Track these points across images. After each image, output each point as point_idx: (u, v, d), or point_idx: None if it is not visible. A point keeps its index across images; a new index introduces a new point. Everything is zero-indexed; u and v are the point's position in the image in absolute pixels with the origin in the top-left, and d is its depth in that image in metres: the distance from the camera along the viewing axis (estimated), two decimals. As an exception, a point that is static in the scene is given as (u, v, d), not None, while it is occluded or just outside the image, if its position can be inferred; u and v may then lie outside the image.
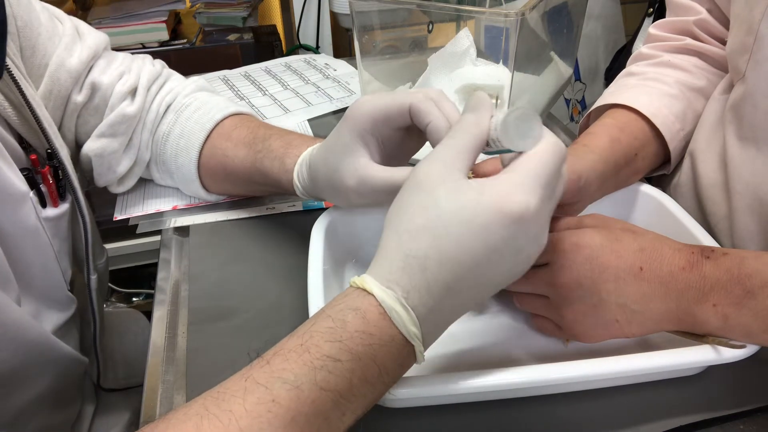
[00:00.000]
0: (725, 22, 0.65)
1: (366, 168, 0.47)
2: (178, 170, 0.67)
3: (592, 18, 1.57)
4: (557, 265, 0.44)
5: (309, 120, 0.89)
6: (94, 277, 0.64)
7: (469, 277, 0.36)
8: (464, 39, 0.78)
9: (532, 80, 0.81)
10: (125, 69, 0.66)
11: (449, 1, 0.86)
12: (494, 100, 0.82)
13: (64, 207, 0.59)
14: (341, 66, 1.07)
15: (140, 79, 0.66)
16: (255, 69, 1.07)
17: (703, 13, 0.65)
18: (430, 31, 0.84)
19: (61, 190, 0.58)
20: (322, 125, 0.87)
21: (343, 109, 0.91)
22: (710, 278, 0.42)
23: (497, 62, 0.74)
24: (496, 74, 0.74)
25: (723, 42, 0.66)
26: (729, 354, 0.42)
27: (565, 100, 1.67)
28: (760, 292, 0.41)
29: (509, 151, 0.39)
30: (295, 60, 1.11)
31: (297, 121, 0.88)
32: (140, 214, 0.69)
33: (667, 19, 0.70)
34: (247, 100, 0.94)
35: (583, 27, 0.92)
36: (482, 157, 0.44)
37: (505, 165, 0.40)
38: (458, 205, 0.36)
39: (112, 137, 0.65)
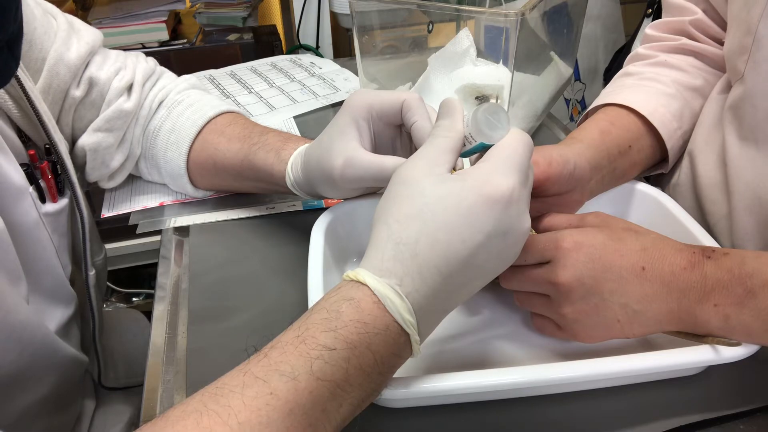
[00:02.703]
0: (721, 23, 0.65)
1: (355, 150, 0.49)
2: (167, 164, 0.68)
3: (591, 18, 1.57)
4: (559, 263, 0.44)
5: (294, 117, 0.89)
6: (92, 274, 0.64)
7: (460, 261, 0.37)
8: (464, 39, 0.78)
9: (532, 80, 0.81)
10: (121, 65, 0.66)
11: (449, 1, 0.86)
12: (494, 100, 0.82)
13: (63, 202, 0.59)
14: (327, 64, 1.08)
15: (136, 76, 0.67)
16: (241, 68, 1.07)
17: (699, 14, 0.66)
18: (430, 31, 0.84)
19: (60, 185, 0.59)
20: (307, 122, 0.88)
21: (329, 106, 0.92)
22: (711, 278, 0.42)
23: (497, 62, 0.74)
24: (496, 74, 0.74)
25: (719, 42, 0.66)
26: (729, 354, 0.42)
27: (565, 100, 1.67)
28: (760, 292, 0.41)
29: (481, 149, 0.42)
30: (281, 59, 1.11)
31: (283, 119, 0.88)
32: (128, 210, 0.70)
33: (663, 19, 0.70)
34: (232, 98, 0.94)
35: (582, 27, 0.92)
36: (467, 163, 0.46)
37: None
38: (444, 192, 0.38)
39: (108, 132, 0.65)
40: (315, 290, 0.47)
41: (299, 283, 0.56)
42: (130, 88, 0.66)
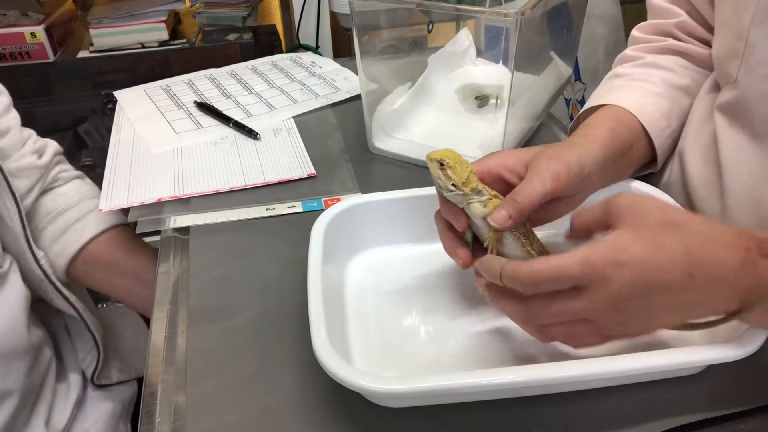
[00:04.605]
0: (705, 24, 0.66)
1: None
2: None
3: (592, 18, 1.57)
4: (598, 292, 0.39)
5: (294, 117, 0.89)
6: (41, 255, 0.65)
7: None
8: (464, 39, 0.78)
9: (532, 80, 0.81)
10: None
11: (449, 1, 0.86)
12: (494, 100, 0.82)
13: None
14: (327, 63, 1.08)
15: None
16: (241, 67, 1.07)
17: (683, 16, 0.66)
18: (430, 31, 0.84)
19: None
20: (307, 122, 0.88)
21: (329, 106, 0.92)
22: (766, 281, 0.39)
23: (497, 62, 0.74)
24: (496, 74, 0.74)
25: (704, 42, 0.67)
26: (729, 354, 0.42)
27: (565, 100, 1.67)
28: None
29: None
30: (281, 58, 1.12)
31: (282, 119, 0.88)
32: (125, 206, 0.70)
33: (649, 21, 0.71)
34: (233, 99, 0.95)
35: (582, 27, 0.92)
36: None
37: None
38: None
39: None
40: (314, 290, 0.47)
41: (299, 283, 0.56)
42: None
